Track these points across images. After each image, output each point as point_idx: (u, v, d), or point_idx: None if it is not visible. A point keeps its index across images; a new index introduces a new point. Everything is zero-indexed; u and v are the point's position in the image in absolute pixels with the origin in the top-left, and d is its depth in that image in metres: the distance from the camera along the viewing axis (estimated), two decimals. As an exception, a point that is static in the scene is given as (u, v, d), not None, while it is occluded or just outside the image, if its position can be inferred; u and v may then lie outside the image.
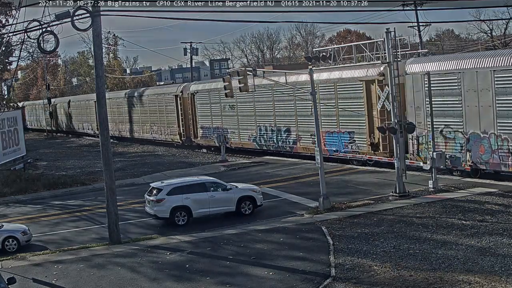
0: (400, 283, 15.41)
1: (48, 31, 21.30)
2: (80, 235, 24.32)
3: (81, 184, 36.93)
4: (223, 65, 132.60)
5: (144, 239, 22.31)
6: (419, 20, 56.43)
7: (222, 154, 43.01)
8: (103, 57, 23.16)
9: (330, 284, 15.88)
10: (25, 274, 18.94)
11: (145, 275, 18.15)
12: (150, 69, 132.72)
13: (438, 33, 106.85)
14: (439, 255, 17.34)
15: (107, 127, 22.72)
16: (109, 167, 22.38)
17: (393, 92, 25.70)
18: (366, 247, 18.66)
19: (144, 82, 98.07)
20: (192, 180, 25.59)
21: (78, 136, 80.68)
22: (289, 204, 26.48)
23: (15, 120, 43.77)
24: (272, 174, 34.90)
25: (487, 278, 15.17)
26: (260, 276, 17.11)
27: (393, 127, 25.11)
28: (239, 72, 25.85)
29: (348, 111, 33.02)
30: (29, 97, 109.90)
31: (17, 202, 33.12)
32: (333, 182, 29.61)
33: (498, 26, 78.42)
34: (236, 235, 21.58)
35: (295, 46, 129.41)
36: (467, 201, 23.47)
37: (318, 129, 25.21)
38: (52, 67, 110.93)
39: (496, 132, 25.98)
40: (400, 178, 25.30)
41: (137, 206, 28.44)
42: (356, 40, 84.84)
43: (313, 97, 25.05)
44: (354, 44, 30.30)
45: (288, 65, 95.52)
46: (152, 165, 43.52)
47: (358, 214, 22.86)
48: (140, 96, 61.42)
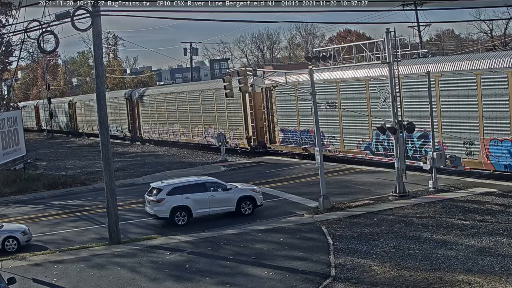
0: (400, 283, 15.41)
1: (48, 31, 21.30)
2: (80, 235, 24.32)
3: (81, 184, 36.93)
4: (223, 65, 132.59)
5: (144, 239, 22.31)
6: (419, 20, 56.47)
7: (222, 154, 42.97)
8: (103, 57, 23.16)
9: (330, 284, 15.88)
10: (25, 274, 18.94)
11: (145, 275, 18.15)
12: (150, 69, 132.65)
13: (438, 33, 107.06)
14: (439, 255, 17.34)
15: (107, 127, 22.73)
16: (109, 167, 22.38)
17: (393, 92, 25.70)
18: (366, 247, 18.66)
19: (144, 82, 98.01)
20: (192, 180, 25.59)
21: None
22: (289, 204, 26.48)
23: (15, 120, 43.78)
24: (272, 174, 34.90)
25: (487, 278, 15.17)
26: (260, 276, 17.11)
27: (393, 127, 25.11)
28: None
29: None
30: (29, 97, 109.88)
31: (17, 202, 33.12)
32: (333, 182, 29.61)
33: (498, 26, 78.54)
34: (236, 235, 21.58)
35: (295, 46, 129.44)
36: (467, 201, 23.47)
37: (318, 129, 25.19)
38: (52, 67, 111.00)
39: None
40: (400, 178, 25.29)
41: (137, 206, 28.44)
42: (356, 40, 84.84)
43: (313, 97, 25.05)
44: (354, 44, 30.20)
45: (288, 65, 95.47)
46: (152, 165, 43.52)
47: (358, 214, 22.86)
48: (192, 92, 50.83)
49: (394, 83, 25.81)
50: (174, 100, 53.61)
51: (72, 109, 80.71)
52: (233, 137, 44.67)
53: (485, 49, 69.28)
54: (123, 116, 64.30)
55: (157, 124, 57.61)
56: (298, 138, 38.63)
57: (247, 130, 43.16)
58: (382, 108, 31.71)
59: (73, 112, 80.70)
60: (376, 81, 32.19)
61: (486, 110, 26.74)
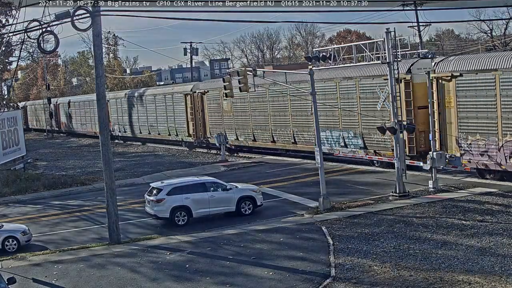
0: (400, 283, 15.41)
1: (48, 31, 21.31)
2: (80, 235, 24.32)
3: (81, 184, 36.92)
4: (223, 65, 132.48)
5: (144, 239, 22.31)
6: (419, 20, 56.41)
7: (222, 154, 42.97)
8: (103, 57, 23.16)
9: (330, 284, 15.88)
10: (25, 274, 18.94)
11: (145, 275, 18.15)
12: (150, 69, 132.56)
13: (438, 33, 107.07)
14: (439, 255, 17.34)
15: (107, 127, 22.74)
16: (109, 167, 22.38)
17: (393, 92, 25.69)
18: (366, 247, 18.66)
19: (144, 82, 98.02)
20: (192, 180, 25.59)
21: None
22: (289, 204, 26.48)
23: (15, 120, 43.79)
24: (272, 174, 34.90)
25: (487, 278, 15.17)
26: (260, 276, 17.11)
27: (393, 127, 25.10)
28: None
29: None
30: (29, 97, 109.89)
31: (17, 202, 33.12)
32: (333, 182, 29.60)
33: (498, 26, 78.55)
34: (236, 235, 21.58)
35: (295, 46, 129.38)
36: (467, 201, 23.46)
37: (318, 129, 25.19)
38: (52, 67, 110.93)
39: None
40: (400, 178, 25.28)
41: (137, 206, 28.44)
42: (356, 40, 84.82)
43: (313, 97, 25.05)
44: (354, 44, 30.20)
45: (288, 65, 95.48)
46: (152, 165, 43.51)
47: (358, 214, 22.86)
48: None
49: (394, 83, 25.80)
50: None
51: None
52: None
53: (485, 49, 69.23)
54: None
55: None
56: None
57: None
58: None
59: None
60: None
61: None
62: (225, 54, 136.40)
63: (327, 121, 35.47)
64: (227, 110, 45.99)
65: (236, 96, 35.77)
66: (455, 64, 28.15)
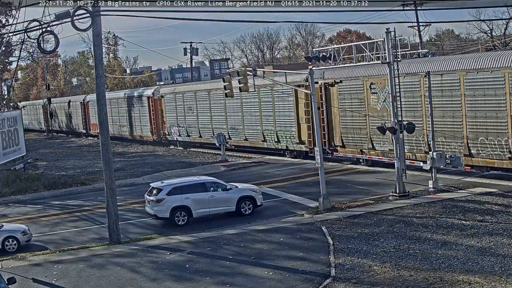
0: (400, 283, 15.42)
1: (48, 31, 21.32)
2: (80, 235, 24.32)
3: (81, 184, 36.92)
4: (223, 65, 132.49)
5: (144, 239, 22.31)
6: (419, 20, 56.42)
7: (222, 154, 42.96)
8: (103, 57, 23.16)
9: (330, 284, 15.88)
10: (25, 274, 18.94)
11: (145, 275, 18.15)
12: (150, 69, 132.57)
13: (438, 33, 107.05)
14: (439, 255, 17.34)
15: (107, 127, 22.71)
16: (109, 167, 22.38)
17: (393, 92, 25.68)
18: (366, 247, 18.66)
19: (144, 82, 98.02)
20: (192, 180, 25.59)
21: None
22: (289, 204, 26.48)
23: (15, 120, 43.79)
24: (272, 174, 34.90)
25: (487, 278, 15.17)
26: (260, 276, 17.11)
27: (393, 127, 25.10)
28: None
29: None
30: (29, 97, 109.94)
31: (17, 202, 33.12)
32: (333, 182, 29.60)
33: (498, 26, 78.53)
34: (236, 235, 21.58)
35: (295, 46, 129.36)
36: (467, 201, 23.46)
37: (318, 129, 25.19)
38: (52, 67, 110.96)
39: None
40: (400, 178, 25.28)
41: (137, 206, 28.44)
42: (356, 40, 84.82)
43: (313, 97, 25.05)
44: (354, 44, 30.17)
45: (288, 65, 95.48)
46: (152, 165, 43.50)
47: (358, 214, 22.86)
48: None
49: (394, 83, 25.80)
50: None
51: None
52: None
53: (485, 49, 69.24)
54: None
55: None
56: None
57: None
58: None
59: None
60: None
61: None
62: (225, 54, 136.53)
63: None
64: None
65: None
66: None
